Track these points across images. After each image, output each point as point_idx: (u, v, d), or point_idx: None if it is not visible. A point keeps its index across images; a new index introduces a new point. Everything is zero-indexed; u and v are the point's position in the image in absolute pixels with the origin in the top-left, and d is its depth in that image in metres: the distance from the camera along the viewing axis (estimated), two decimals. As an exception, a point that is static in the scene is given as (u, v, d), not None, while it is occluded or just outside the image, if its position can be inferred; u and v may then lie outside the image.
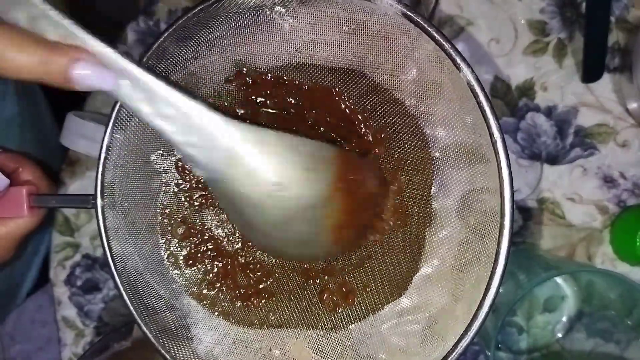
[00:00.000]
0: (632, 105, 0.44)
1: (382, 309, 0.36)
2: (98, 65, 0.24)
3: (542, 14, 0.45)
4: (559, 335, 0.46)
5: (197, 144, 0.27)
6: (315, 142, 0.33)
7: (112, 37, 0.49)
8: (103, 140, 0.34)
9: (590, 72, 0.43)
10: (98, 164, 0.34)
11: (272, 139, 0.29)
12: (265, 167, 0.28)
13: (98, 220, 0.35)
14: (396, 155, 0.36)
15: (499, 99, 0.45)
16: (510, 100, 0.45)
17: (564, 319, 0.46)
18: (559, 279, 0.45)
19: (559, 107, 0.45)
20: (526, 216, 0.46)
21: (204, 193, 0.38)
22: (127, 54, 0.25)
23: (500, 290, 0.40)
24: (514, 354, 0.46)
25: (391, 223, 0.36)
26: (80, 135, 0.43)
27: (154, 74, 0.25)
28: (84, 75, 0.23)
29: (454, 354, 0.31)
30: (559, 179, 0.45)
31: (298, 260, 0.37)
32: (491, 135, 0.30)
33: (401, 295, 0.36)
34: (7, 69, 0.22)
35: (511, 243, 0.30)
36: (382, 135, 0.36)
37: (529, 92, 0.45)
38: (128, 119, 0.35)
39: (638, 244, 0.42)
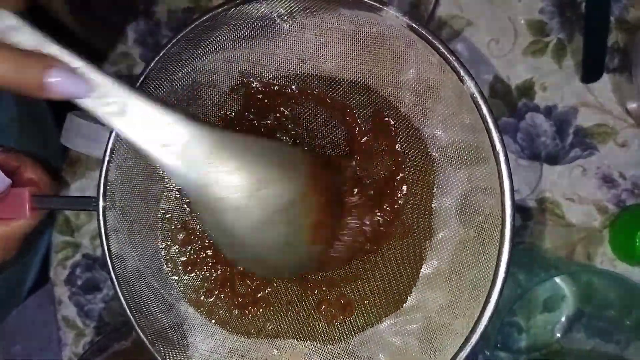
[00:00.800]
0: (632, 106, 0.44)
1: (380, 322, 0.36)
2: (72, 72, 0.24)
3: (541, 14, 0.45)
4: (559, 335, 0.46)
5: (175, 155, 0.26)
6: (285, 145, 0.35)
7: (112, 38, 0.49)
8: (108, 142, 0.34)
9: (590, 73, 0.43)
10: (102, 167, 0.34)
11: (249, 143, 0.30)
12: (246, 168, 0.28)
13: (99, 222, 0.35)
14: (399, 169, 0.36)
15: (498, 99, 0.45)
16: (509, 101, 0.45)
17: (564, 318, 0.46)
18: (558, 279, 0.45)
19: (559, 107, 0.45)
20: (526, 216, 0.46)
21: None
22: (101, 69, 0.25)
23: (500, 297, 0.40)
24: (514, 353, 0.46)
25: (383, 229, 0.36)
26: (81, 135, 0.43)
27: (127, 84, 0.25)
28: (58, 82, 0.23)
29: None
30: (559, 179, 0.45)
31: (274, 273, 0.37)
32: (494, 148, 0.30)
33: (399, 309, 0.36)
34: None
35: (512, 248, 0.30)
36: (385, 150, 0.36)
37: (528, 92, 0.45)
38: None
39: (637, 244, 0.42)
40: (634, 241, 0.43)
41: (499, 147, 0.29)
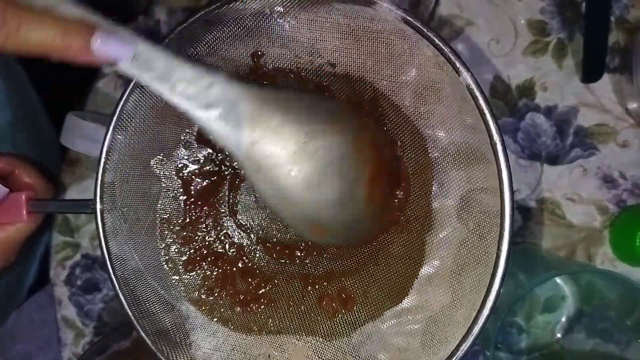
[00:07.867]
0: (632, 106, 0.44)
1: (382, 315, 0.36)
2: (116, 36, 0.25)
3: (542, 14, 0.45)
4: (559, 335, 0.46)
5: (220, 116, 0.27)
6: (329, 98, 0.34)
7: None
8: (103, 144, 0.34)
9: (590, 72, 0.43)
10: (97, 169, 0.34)
11: (292, 97, 0.30)
12: (292, 120, 0.28)
13: (97, 225, 0.35)
14: (397, 161, 0.36)
15: (499, 99, 0.45)
16: (510, 101, 0.45)
17: (564, 319, 0.46)
18: (559, 279, 0.45)
19: (559, 107, 0.45)
20: (526, 216, 0.46)
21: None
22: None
23: (501, 290, 0.40)
24: (514, 354, 0.45)
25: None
26: (80, 135, 0.43)
27: (169, 50, 0.26)
28: (103, 45, 0.24)
29: (454, 357, 0.31)
30: (559, 179, 0.45)
31: (335, 233, 0.35)
32: (491, 138, 0.30)
33: (400, 302, 0.36)
34: (29, 46, 0.23)
35: (511, 245, 0.30)
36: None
37: (528, 92, 0.45)
38: (128, 121, 0.34)
39: (638, 244, 0.42)
40: (635, 241, 0.42)
41: (499, 146, 0.29)
